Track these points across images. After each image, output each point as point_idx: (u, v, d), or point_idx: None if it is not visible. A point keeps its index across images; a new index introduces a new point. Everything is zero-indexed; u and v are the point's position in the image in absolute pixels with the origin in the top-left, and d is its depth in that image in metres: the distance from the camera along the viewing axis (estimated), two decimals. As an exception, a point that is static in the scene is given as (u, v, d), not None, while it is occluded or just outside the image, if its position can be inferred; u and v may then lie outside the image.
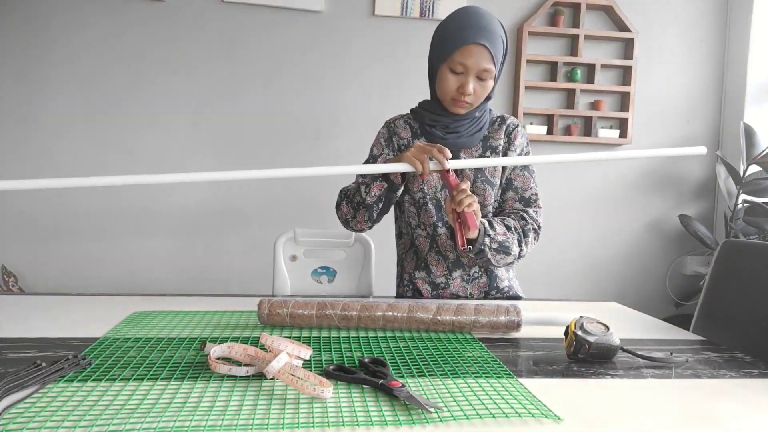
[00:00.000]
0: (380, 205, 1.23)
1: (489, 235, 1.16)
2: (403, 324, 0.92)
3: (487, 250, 1.17)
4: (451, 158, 1.09)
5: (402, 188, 1.24)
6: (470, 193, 1.09)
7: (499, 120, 1.30)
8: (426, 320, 0.91)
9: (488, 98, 1.24)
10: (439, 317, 0.92)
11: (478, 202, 1.23)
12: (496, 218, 1.22)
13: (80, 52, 2.35)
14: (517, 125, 1.29)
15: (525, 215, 1.24)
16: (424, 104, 1.29)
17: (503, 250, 1.19)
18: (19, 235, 2.37)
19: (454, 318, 0.92)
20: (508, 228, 1.20)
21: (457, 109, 1.21)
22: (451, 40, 1.15)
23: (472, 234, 1.12)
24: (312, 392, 0.61)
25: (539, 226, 1.26)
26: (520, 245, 1.21)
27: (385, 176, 1.18)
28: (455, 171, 1.23)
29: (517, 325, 0.92)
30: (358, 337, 0.89)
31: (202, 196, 2.47)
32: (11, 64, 2.31)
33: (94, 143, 2.39)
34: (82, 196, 2.40)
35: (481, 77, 1.16)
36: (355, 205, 1.25)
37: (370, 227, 1.29)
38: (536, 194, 1.28)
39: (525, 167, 1.29)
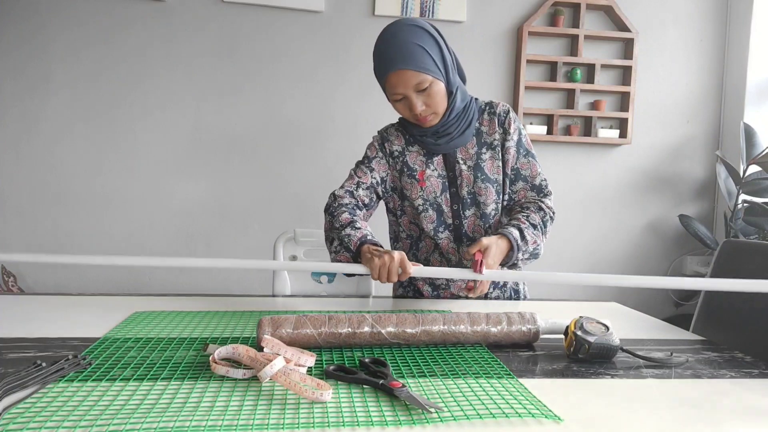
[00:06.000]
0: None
1: (521, 250, 1.14)
2: (415, 339, 0.84)
3: (519, 263, 1.18)
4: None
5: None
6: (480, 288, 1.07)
7: (488, 108, 1.27)
8: (438, 334, 0.84)
9: (451, 92, 1.18)
10: (453, 327, 0.84)
11: (480, 201, 1.23)
12: (522, 216, 1.18)
13: (80, 52, 2.34)
14: (508, 111, 1.26)
15: (542, 205, 1.23)
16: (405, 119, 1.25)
17: (533, 257, 1.19)
18: (19, 235, 2.37)
19: (470, 329, 0.85)
20: (535, 227, 1.18)
21: (426, 124, 1.19)
22: (377, 75, 1.16)
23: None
24: (311, 396, 0.61)
25: (554, 213, 1.25)
26: (545, 237, 1.21)
27: (354, 256, 1.10)
28: (456, 218, 1.24)
29: (535, 335, 0.87)
30: (358, 337, 0.89)
31: (202, 196, 2.47)
32: (11, 64, 2.31)
33: (94, 143, 2.39)
34: (82, 197, 2.40)
35: (420, 89, 1.11)
36: (329, 236, 1.20)
37: None
38: (545, 180, 1.27)
39: (527, 152, 1.27)
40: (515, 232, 1.13)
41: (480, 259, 1.03)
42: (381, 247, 1.08)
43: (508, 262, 1.14)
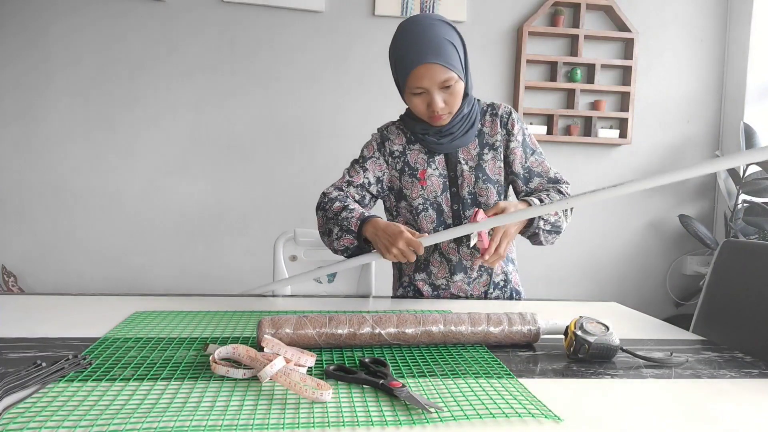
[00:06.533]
0: (346, 254, 1.19)
1: (543, 218, 1.15)
2: (415, 341, 0.84)
3: (541, 233, 1.18)
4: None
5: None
6: (500, 253, 1.09)
7: (490, 110, 1.27)
8: (439, 335, 0.84)
9: (467, 94, 1.20)
10: (454, 328, 0.84)
11: (481, 201, 1.23)
12: (543, 194, 1.20)
13: (80, 52, 2.35)
14: (510, 112, 1.27)
15: (561, 189, 1.24)
16: (410, 114, 1.25)
17: (555, 230, 1.19)
18: (19, 235, 2.37)
19: (470, 330, 0.84)
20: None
21: (438, 123, 1.18)
22: (401, 66, 1.13)
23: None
24: (311, 396, 0.61)
25: None
26: (566, 220, 1.22)
27: (358, 237, 1.13)
28: (460, 199, 1.24)
29: (535, 336, 0.87)
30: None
31: (202, 196, 2.47)
32: (11, 64, 2.31)
33: (94, 143, 2.39)
34: (82, 197, 2.40)
35: (445, 86, 1.11)
36: (325, 229, 1.21)
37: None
38: (558, 172, 1.28)
39: (534, 151, 1.28)
40: (536, 200, 1.15)
41: (481, 212, 1.07)
42: (380, 218, 1.13)
43: (529, 230, 1.15)
